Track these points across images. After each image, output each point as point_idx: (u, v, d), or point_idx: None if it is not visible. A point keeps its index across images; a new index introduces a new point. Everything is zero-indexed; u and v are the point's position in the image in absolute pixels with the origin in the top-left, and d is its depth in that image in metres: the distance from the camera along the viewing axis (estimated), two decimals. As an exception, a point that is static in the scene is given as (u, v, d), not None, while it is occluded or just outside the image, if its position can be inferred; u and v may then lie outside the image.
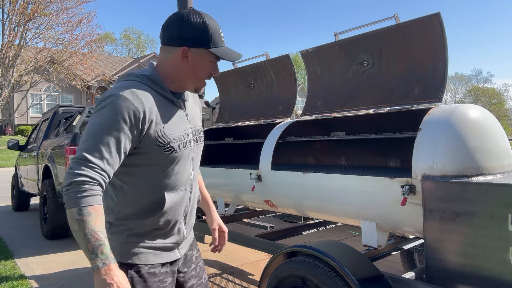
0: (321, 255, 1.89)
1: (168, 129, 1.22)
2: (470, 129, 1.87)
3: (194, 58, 1.23)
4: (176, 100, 1.28)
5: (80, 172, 1.06)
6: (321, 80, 2.95)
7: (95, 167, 1.08)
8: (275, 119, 3.31)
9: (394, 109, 2.41)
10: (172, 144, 1.23)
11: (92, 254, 1.03)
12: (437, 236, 1.79)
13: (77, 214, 1.03)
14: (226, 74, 3.83)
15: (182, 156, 1.27)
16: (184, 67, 1.25)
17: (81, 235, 1.03)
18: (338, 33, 2.70)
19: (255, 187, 2.84)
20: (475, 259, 1.67)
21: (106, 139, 1.10)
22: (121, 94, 1.13)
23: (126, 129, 1.12)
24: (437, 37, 2.20)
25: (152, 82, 1.23)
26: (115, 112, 1.11)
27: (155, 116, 1.18)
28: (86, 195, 1.04)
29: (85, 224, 1.03)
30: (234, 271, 3.71)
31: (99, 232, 1.04)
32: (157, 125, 1.19)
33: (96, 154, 1.09)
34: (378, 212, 2.13)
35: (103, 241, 1.04)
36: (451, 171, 1.81)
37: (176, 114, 1.27)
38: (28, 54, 18.43)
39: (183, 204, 1.32)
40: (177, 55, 1.24)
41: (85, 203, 1.04)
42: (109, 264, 1.04)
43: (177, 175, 1.28)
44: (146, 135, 1.17)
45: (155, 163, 1.22)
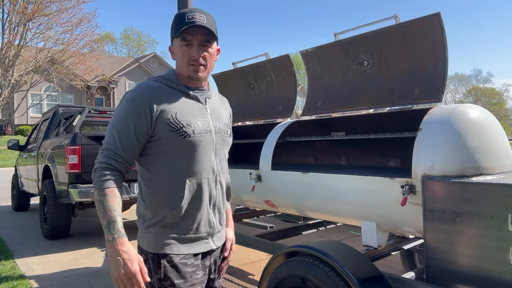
0: (321, 255, 1.89)
1: (181, 116, 1.32)
2: (470, 129, 1.87)
3: (175, 51, 1.38)
4: (190, 93, 1.38)
5: (101, 160, 1.27)
6: (321, 80, 2.95)
7: (112, 155, 1.27)
8: (275, 119, 3.31)
9: (394, 109, 2.41)
10: (185, 129, 1.31)
11: (106, 228, 1.21)
12: (437, 236, 1.79)
13: (98, 195, 1.23)
14: (226, 74, 3.83)
15: (201, 143, 1.34)
16: (177, 62, 1.40)
17: (100, 212, 1.22)
18: (338, 33, 2.70)
19: (255, 187, 2.84)
20: (475, 259, 1.67)
21: (120, 129, 1.29)
22: (133, 90, 1.32)
23: (136, 118, 1.28)
24: (437, 37, 2.20)
25: (166, 79, 1.38)
26: (127, 105, 1.29)
27: (166, 105, 1.30)
28: (104, 179, 1.24)
29: (103, 203, 1.21)
30: (234, 271, 3.71)
31: (113, 210, 1.21)
32: (168, 112, 1.30)
33: (113, 143, 1.29)
34: (378, 212, 2.13)
35: (115, 218, 1.21)
36: (451, 171, 1.81)
37: (191, 104, 1.37)
38: (28, 54, 18.43)
39: (206, 192, 1.37)
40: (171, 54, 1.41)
41: (103, 185, 1.23)
42: (118, 238, 1.20)
43: (198, 162, 1.35)
44: (158, 122, 1.29)
45: (173, 149, 1.31)
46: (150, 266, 1.31)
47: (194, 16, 1.31)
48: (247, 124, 3.71)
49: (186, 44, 1.33)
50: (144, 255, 1.32)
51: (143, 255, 1.32)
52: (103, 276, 3.68)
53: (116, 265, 1.19)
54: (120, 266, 1.19)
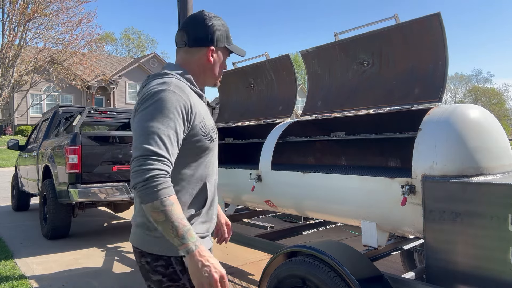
0: (321, 255, 1.89)
1: (207, 120, 1.34)
2: (470, 129, 1.87)
3: (216, 57, 1.39)
4: (204, 97, 1.40)
5: (152, 167, 1.11)
6: (321, 80, 2.95)
7: (163, 160, 1.14)
8: (275, 119, 3.31)
9: (394, 109, 2.41)
10: (211, 134, 1.34)
11: (183, 239, 1.11)
12: (437, 236, 1.79)
13: (161, 205, 1.10)
14: (226, 74, 3.83)
15: (215, 146, 1.40)
16: (208, 65, 1.39)
17: (168, 224, 1.10)
18: (338, 33, 2.70)
19: (255, 187, 2.84)
20: (475, 259, 1.67)
21: (166, 132, 1.17)
22: (169, 89, 1.22)
23: (180, 121, 1.21)
24: (437, 37, 2.20)
25: (188, 81, 1.35)
26: (168, 105, 1.19)
27: (198, 109, 1.29)
28: (164, 187, 1.11)
29: (170, 213, 1.10)
30: (234, 271, 3.71)
31: (183, 219, 1.13)
32: (200, 116, 1.29)
33: (161, 146, 1.15)
34: (378, 212, 2.13)
35: (189, 226, 1.13)
36: (451, 171, 1.81)
37: (206, 108, 1.40)
38: (28, 54, 18.44)
39: (216, 193, 1.43)
40: (203, 55, 1.37)
41: (166, 194, 1.11)
42: (199, 245, 1.13)
43: (212, 165, 1.39)
44: (193, 125, 1.27)
45: (201, 153, 1.32)
46: (175, 270, 1.26)
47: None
48: (247, 124, 3.71)
49: (227, 58, 1.44)
50: (163, 260, 1.26)
51: (160, 261, 1.26)
52: (103, 276, 3.68)
53: (207, 272, 1.12)
54: (212, 271, 1.12)
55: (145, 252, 1.27)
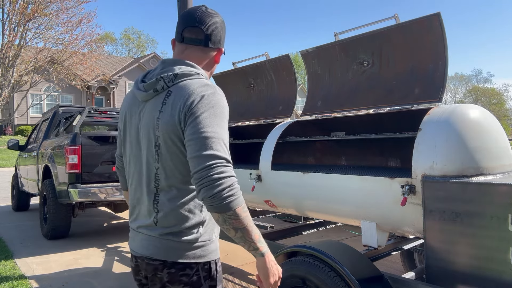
0: (321, 255, 1.89)
1: None
2: (470, 129, 1.87)
3: (217, 57, 1.37)
4: None
5: (228, 174, 1.10)
6: (321, 80, 2.95)
7: (231, 166, 1.16)
8: (275, 119, 3.31)
9: (394, 109, 2.41)
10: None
11: (259, 242, 1.15)
12: (437, 236, 1.79)
13: (242, 212, 1.10)
14: (226, 74, 3.83)
15: None
16: (212, 65, 1.38)
17: (248, 229, 1.12)
18: (338, 33, 2.70)
19: (255, 187, 2.84)
20: (475, 259, 1.67)
21: (227, 137, 1.19)
22: (218, 92, 1.22)
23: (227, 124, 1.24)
24: (437, 37, 2.20)
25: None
26: (224, 110, 1.20)
27: None
28: (240, 194, 1.13)
29: (248, 219, 1.13)
30: (234, 271, 3.71)
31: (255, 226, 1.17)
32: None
33: (227, 152, 1.16)
34: (378, 212, 2.13)
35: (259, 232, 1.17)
36: (451, 171, 1.81)
37: None
38: (28, 54, 18.44)
39: None
40: (212, 55, 1.34)
41: (243, 201, 1.14)
42: (268, 249, 1.19)
43: None
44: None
45: None
46: (199, 276, 1.23)
47: None
48: (247, 124, 3.71)
49: None
50: (190, 269, 1.21)
51: (187, 270, 1.21)
52: (103, 276, 3.68)
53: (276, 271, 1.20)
54: (280, 272, 1.22)
55: (170, 262, 1.21)
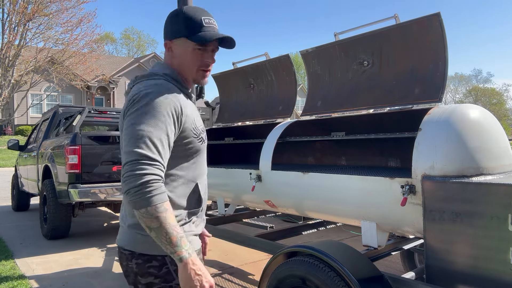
0: (321, 255, 1.89)
1: (197, 121, 1.31)
2: (470, 129, 1.87)
3: (177, 49, 1.30)
4: (192, 96, 1.36)
5: (145, 172, 1.09)
6: (321, 80, 2.95)
7: (156, 164, 1.12)
8: (275, 119, 3.31)
9: (394, 109, 2.41)
10: (202, 135, 1.33)
11: (176, 246, 1.09)
12: (437, 236, 1.78)
13: (156, 211, 1.07)
14: (226, 74, 3.83)
15: (205, 147, 1.38)
16: (174, 60, 1.31)
17: (161, 231, 1.08)
18: (338, 33, 2.70)
19: (255, 187, 2.84)
20: (475, 259, 1.67)
21: (157, 135, 1.14)
22: (158, 91, 1.19)
23: (171, 124, 1.18)
24: (437, 37, 2.20)
25: (175, 81, 1.30)
26: (159, 108, 1.16)
27: (186, 109, 1.26)
28: (158, 192, 1.09)
29: (164, 220, 1.08)
30: (234, 271, 3.71)
31: (176, 226, 1.11)
32: (190, 117, 1.27)
33: (153, 150, 1.12)
34: (378, 212, 2.13)
35: (182, 233, 1.11)
36: (451, 171, 1.81)
37: (195, 108, 1.37)
38: (28, 54, 18.43)
39: (207, 192, 1.43)
40: (170, 48, 1.32)
41: (160, 200, 1.09)
42: (192, 253, 1.12)
43: (202, 165, 1.38)
44: (184, 127, 1.24)
45: (192, 154, 1.31)
46: (169, 270, 1.23)
47: (212, 22, 1.29)
48: (247, 124, 3.71)
49: (200, 48, 1.28)
50: (157, 261, 1.22)
51: (154, 262, 1.22)
52: (103, 276, 3.68)
53: (198, 282, 1.11)
54: (203, 281, 1.12)
55: (137, 253, 1.23)
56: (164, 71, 1.30)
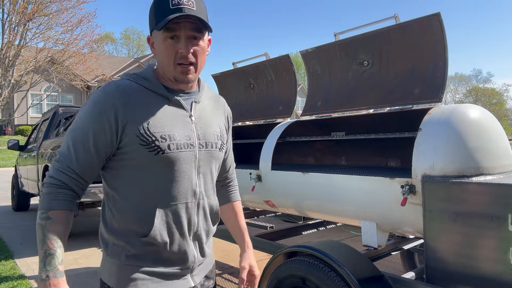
0: (321, 255, 1.89)
1: (155, 126, 1.06)
2: (470, 129, 1.87)
3: (156, 44, 1.11)
4: (172, 97, 1.12)
5: (51, 174, 1.02)
6: (321, 80, 2.95)
7: (66, 169, 1.02)
8: (275, 119, 3.31)
9: (394, 109, 2.41)
10: (158, 143, 1.05)
11: (41, 262, 0.96)
12: (437, 236, 1.78)
13: (39, 217, 0.98)
14: (226, 74, 3.83)
15: (179, 160, 1.08)
16: (158, 52, 1.12)
17: (39, 240, 0.97)
18: (338, 33, 2.70)
19: (255, 187, 2.84)
20: (475, 259, 1.67)
21: (77, 138, 1.03)
22: (100, 90, 1.06)
23: (97, 125, 1.02)
24: (437, 37, 2.20)
25: (142, 78, 1.12)
26: (89, 109, 1.04)
27: (137, 111, 1.05)
28: (51, 198, 0.99)
29: (43, 228, 0.97)
30: (234, 271, 3.71)
31: (53, 240, 0.96)
32: (139, 121, 1.04)
33: (67, 154, 1.03)
34: (378, 212, 2.13)
35: (54, 251, 0.96)
36: (451, 171, 1.81)
37: (171, 112, 1.11)
38: (28, 54, 18.43)
39: (184, 220, 1.11)
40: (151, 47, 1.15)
41: (47, 206, 0.98)
42: (53, 278, 0.95)
43: (174, 185, 1.08)
44: (126, 132, 1.04)
45: (142, 166, 1.06)
46: None
47: (183, 2, 1.04)
48: (247, 124, 3.71)
49: (171, 36, 1.05)
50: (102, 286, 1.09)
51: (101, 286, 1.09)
52: (103, 276, 3.67)
53: None
54: None
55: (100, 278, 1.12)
56: (141, 71, 1.15)
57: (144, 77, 1.12)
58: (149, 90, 1.10)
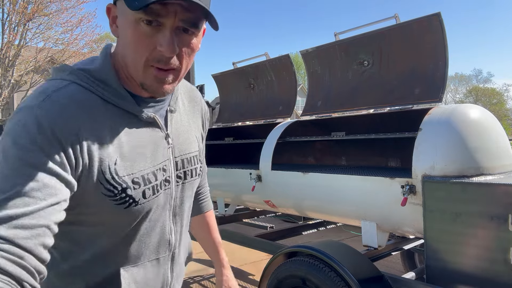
0: (321, 256, 1.89)
1: (124, 167, 0.71)
2: (470, 129, 1.87)
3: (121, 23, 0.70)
4: (143, 114, 0.75)
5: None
6: (321, 80, 2.95)
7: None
8: (275, 119, 3.31)
9: (394, 109, 2.41)
10: (130, 191, 0.72)
11: None
12: (437, 236, 1.78)
13: None
14: (226, 74, 3.83)
15: (152, 208, 0.78)
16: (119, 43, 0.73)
17: None
18: (338, 33, 2.70)
19: (255, 187, 2.84)
20: (475, 259, 1.67)
21: (10, 193, 0.58)
22: (38, 108, 0.64)
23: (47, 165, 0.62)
24: (437, 37, 2.20)
25: (99, 83, 0.72)
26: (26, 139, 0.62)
27: (100, 144, 0.68)
28: None
29: None
30: (234, 272, 3.67)
31: None
32: (101, 160, 0.69)
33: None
34: (378, 212, 2.13)
35: None
36: (452, 171, 1.81)
37: (142, 137, 0.75)
38: (28, 54, 18.44)
39: (157, 281, 0.84)
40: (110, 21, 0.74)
41: None
42: None
43: (142, 239, 0.79)
44: (82, 179, 0.67)
45: (102, 222, 0.74)
46: None
47: None
48: (247, 124, 3.71)
49: (148, 21, 0.65)
50: None
51: None
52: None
53: None
54: None
55: None
56: (89, 65, 0.74)
57: (103, 79, 0.72)
58: (110, 104, 0.72)
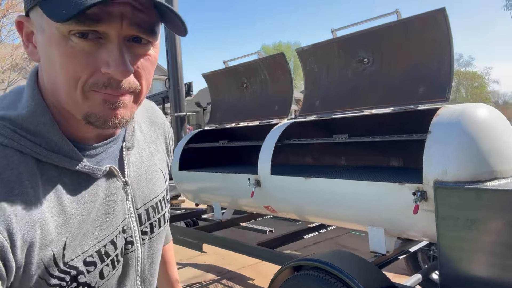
0: (331, 269, 1.81)
1: (73, 246, 0.55)
2: (482, 131, 1.79)
3: (41, 41, 0.51)
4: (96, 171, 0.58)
5: None
6: (318, 78, 2.83)
7: None
8: (271, 119, 3.19)
9: (398, 109, 2.31)
10: (84, 277, 0.57)
11: None
12: (451, 243, 1.71)
13: None
14: (217, 74, 3.67)
15: (114, 281, 0.64)
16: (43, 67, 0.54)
17: None
18: (336, 30, 2.58)
19: (254, 193, 2.73)
20: (491, 268, 1.60)
21: None
22: None
23: None
24: (442, 33, 2.10)
25: (33, 136, 0.53)
26: None
27: (41, 231, 0.51)
28: None
29: None
30: (233, 276, 3.61)
31: None
32: (44, 251, 0.52)
33: None
34: (386, 218, 2.05)
35: None
36: (465, 176, 1.73)
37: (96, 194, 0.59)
38: (4, 52, 17.79)
39: None
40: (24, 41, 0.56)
41: None
42: None
43: None
44: (17, 280, 0.50)
45: None
46: None
47: None
48: (241, 126, 3.58)
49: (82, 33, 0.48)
50: None
51: None
52: None
53: None
54: None
55: None
56: (11, 107, 0.54)
57: (34, 130, 0.53)
58: (49, 164, 0.53)
